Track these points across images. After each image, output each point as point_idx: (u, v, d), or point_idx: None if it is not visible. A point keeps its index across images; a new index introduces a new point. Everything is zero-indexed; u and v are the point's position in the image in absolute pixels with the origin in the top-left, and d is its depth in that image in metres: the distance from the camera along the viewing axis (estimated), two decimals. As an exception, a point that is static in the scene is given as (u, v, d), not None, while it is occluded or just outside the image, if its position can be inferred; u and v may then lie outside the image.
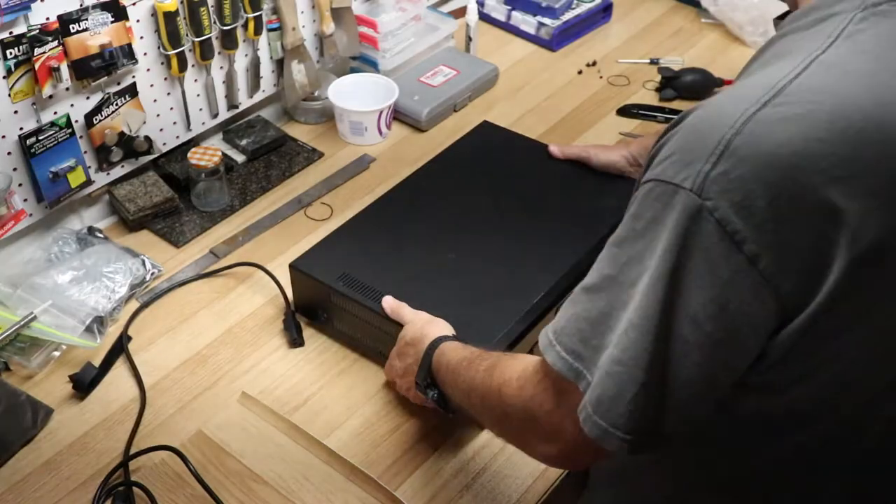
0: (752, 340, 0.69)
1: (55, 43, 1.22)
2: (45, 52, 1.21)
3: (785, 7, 0.84)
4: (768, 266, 0.65)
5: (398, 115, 1.67)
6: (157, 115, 1.45)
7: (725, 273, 0.66)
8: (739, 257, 0.65)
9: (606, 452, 0.75)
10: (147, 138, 1.43)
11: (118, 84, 1.36)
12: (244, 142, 1.58)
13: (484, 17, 1.96)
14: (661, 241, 0.68)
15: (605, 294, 0.73)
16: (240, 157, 1.57)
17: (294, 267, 1.21)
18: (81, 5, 1.25)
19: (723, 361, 0.70)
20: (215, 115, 1.55)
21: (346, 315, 1.19)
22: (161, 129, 1.47)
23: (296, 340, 1.23)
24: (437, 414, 1.13)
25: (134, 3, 1.32)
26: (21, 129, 1.26)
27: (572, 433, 0.76)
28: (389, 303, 1.13)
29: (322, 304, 1.21)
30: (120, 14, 1.29)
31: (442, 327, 1.08)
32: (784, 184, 0.64)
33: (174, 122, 1.49)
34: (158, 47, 1.39)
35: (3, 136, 1.25)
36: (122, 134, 1.39)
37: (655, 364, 0.69)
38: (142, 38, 1.36)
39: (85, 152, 1.35)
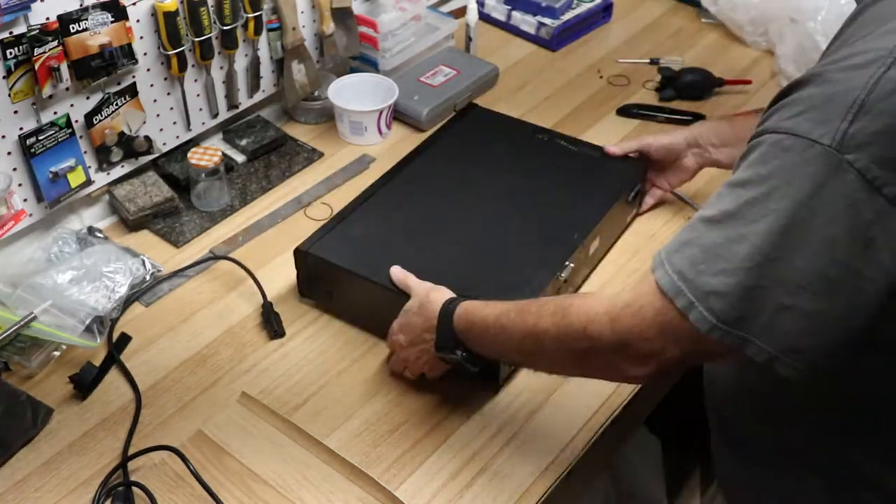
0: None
1: (55, 43, 1.22)
2: (45, 52, 1.21)
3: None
4: None
5: (398, 114, 1.67)
6: (157, 115, 1.45)
7: (869, 214, 0.73)
8: (880, 200, 0.72)
9: (700, 353, 0.84)
10: (147, 138, 1.43)
11: (118, 84, 1.36)
12: (244, 142, 1.58)
13: (484, 17, 1.96)
14: (793, 188, 0.75)
15: (721, 227, 0.79)
16: (240, 157, 1.57)
17: (301, 251, 1.23)
18: (81, 5, 1.25)
19: (869, 298, 0.75)
20: (215, 115, 1.55)
21: (354, 293, 1.22)
22: (161, 129, 1.47)
23: (276, 332, 1.24)
24: (437, 414, 1.13)
25: (134, 3, 1.32)
26: (21, 129, 1.26)
27: (671, 352, 0.84)
28: (397, 272, 1.16)
29: (331, 284, 1.24)
30: (120, 14, 1.29)
31: (445, 293, 1.10)
32: None
33: (174, 122, 1.49)
34: (158, 47, 1.39)
35: (3, 136, 1.25)
36: (122, 134, 1.39)
37: (777, 283, 0.76)
38: (142, 38, 1.36)
39: (85, 152, 1.35)
